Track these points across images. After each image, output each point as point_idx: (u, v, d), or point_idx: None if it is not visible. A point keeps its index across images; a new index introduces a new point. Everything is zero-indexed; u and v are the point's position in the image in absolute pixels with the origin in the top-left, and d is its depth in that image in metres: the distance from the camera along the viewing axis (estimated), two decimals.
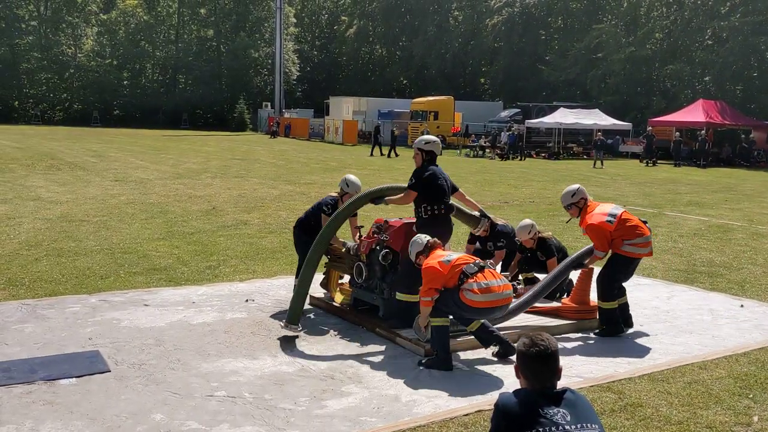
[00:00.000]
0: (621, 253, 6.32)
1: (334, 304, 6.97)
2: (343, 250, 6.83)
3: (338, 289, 7.12)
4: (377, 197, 6.54)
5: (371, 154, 33.40)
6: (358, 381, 5.13)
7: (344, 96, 55.89)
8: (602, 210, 6.44)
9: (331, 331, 6.32)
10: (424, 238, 5.73)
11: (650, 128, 36.36)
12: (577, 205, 6.60)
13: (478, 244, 7.52)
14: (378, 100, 51.34)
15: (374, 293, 6.46)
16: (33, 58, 60.64)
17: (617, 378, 5.28)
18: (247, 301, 7.15)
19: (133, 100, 62.89)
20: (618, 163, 33.61)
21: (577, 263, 6.64)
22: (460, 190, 6.65)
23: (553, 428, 2.60)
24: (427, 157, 6.38)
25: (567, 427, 2.62)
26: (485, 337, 5.64)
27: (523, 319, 6.41)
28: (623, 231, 6.29)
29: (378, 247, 6.36)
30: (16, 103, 61.14)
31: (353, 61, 75.74)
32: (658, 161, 34.01)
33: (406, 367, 5.40)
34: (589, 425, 2.68)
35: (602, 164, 30.43)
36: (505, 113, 46.12)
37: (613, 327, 6.38)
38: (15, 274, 7.86)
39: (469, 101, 53.60)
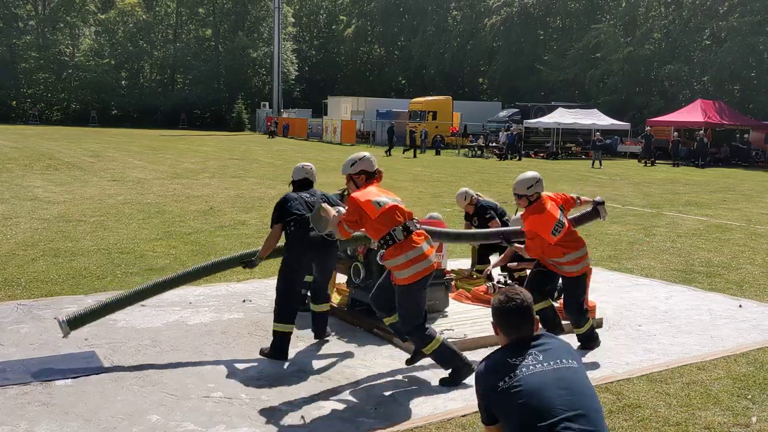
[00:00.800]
0: (566, 275, 5.80)
1: (331, 304, 6.94)
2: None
3: (335, 289, 7.09)
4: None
5: (387, 154, 33.54)
6: (356, 381, 5.11)
7: (342, 96, 55.90)
8: (552, 215, 5.76)
9: (329, 331, 6.29)
10: None
11: (648, 128, 36.39)
12: (530, 198, 5.86)
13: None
14: (376, 100, 51.34)
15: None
16: (31, 58, 60.54)
17: (615, 379, 5.26)
18: (244, 301, 7.13)
19: (131, 99, 62.84)
20: (616, 163, 33.61)
21: (506, 236, 6.37)
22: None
23: (524, 370, 2.67)
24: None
25: (538, 366, 2.68)
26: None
27: None
28: (566, 244, 5.76)
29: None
30: (14, 102, 61.05)
31: (351, 60, 75.73)
32: (657, 161, 34.02)
33: (403, 368, 5.38)
34: (563, 361, 2.73)
35: (600, 164, 30.45)
36: (503, 113, 46.13)
37: (594, 341, 5.86)
38: (11, 275, 7.83)
39: (467, 101, 53.62)
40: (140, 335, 5.95)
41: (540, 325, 2.68)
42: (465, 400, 4.80)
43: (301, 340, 6.01)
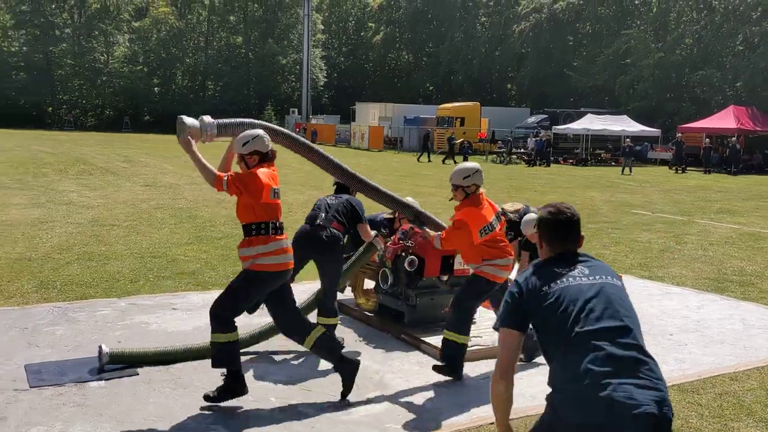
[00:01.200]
0: (482, 275, 5.42)
1: (359, 309, 6.98)
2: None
3: (363, 294, 7.13)
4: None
5: (419, 160, 33.72)
6: (384, 388, 5.13)
7: (371, 102, 56.07)
8: (486, 215, 5.48)
9: (356, 336, 6.33)
10: None
11: (680, 135, 35.92)
12: (466, 190, 5.59)
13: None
14: (404, 106, 51.40)
15: (399, 300, 6.46)
16: (66, 65, 61.76)
17: None
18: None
19: (163, 106, 63.71)
20: (646, 170, 33.21)
21: (419, 216, 6.12)
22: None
23: (570, 279, 2.71)
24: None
25: (584, 279, 2.71)
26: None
27: None
28: (488, 249, 5.43)
29: (404, 254, 6.36)
30: (50, 108, 62.30)
31: (380, 67, 75.97)
32: (688, 168, 33.55)
33: (432, 375, 5.38)
34: (607, 278, 2.75)
35: (630, 171, 30.13)
36: (532, 119, 45.91)
37: (455, 367, 5.36)
38: (47, 277, 8.00)
39: (495, 107, 53.44)
40: (172, 338, 6.03)
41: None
42: None
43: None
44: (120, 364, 5.24)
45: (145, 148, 35.23)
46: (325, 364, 5.54)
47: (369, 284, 7.19)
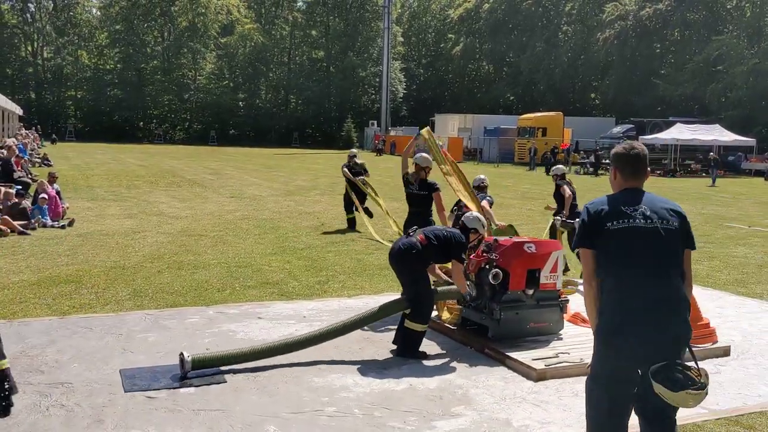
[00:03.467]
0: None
1: (441, 322, 6.91)
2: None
3: (446, 307, 7.06)
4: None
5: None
6: (468, 403, 5.05)
7: (450, 113, 55.94)
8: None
9: (439, 349, 6.27)
10: None
11: None
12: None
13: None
14: (484, 117, 51.05)
15: (483, 313, 6.36)
16: (157, 81, 64.53)
17: (746, 411, 4.93)
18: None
19: (247, 119, 65.66)
20: (741, 182, 31.73)
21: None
22: None
23: (632, 221, 3.28)
24: None
25: (643, 222, 3.27)
26: None
27: None
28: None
29: (487, 267, 6.26)
30: (141, 123, 65.20)
31: (459, 78, 75.77)
32: None
33: (517, 390, 5.27)
34: (665, 221, 3.31)
35: (714, 182, 28.89)
36: (617, 129, 44.70)
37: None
38: (140, 286, 8.30)
39: (579, 117, 52.34)
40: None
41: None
42: (582, 426, 4.62)
43: (410, 357, 6.00)
44: (201, 368, 5.37)
45: (231, 161, 36.28)
46: (408, 377, 5.51)
47: None
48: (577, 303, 7.23)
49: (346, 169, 13.57)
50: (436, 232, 6.17)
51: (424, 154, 8.01)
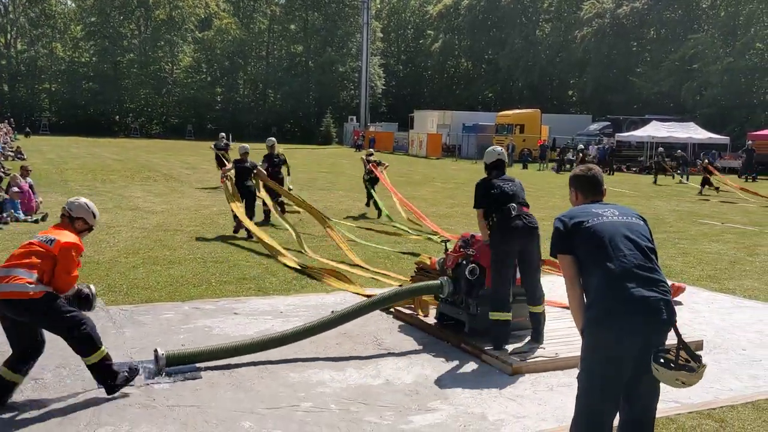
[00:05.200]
0: None
1: (419, 317, 6.92)
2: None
3: (422, 303, 7.06)
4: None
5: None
6: (444, 397, 5.06)
7: (429, 109, 56.03)
8: None
9: (416, 344, 6.28)
10: None
11: (750, 142, 34.64)
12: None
13: None
14: (463, 114, 51.16)
15: (460, 308, 6.38)
16: (133, 75, 63.81)
17: (718, 405, 5.00)
18: (332, 312, 7.19)
19: (225, 114, 65.19)
20: (715, 179, 32.11)
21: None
22: None
23: (604, 218, 3.51)
24: (488, 170, 6.39)
25: (615, 217, 3.53)
26: None
27: None
28: None
29: (464, 262, 6.28)
30: (117, 117, 64.47)
31: (438, 74, 75.89)
32: (759, 177, 32.32)
33: (492, 385, 5.30)
34: (632, 217, 3.59)
35: (684, 179, 29.23)
36: (594, 126, 45.07)
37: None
38: (114, 281, 8.22)
39: (556, 114, 52.67)
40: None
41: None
42: (558, 420, 4.67)
43: (388, 353, 6.01)
44: (177, 365, 5.33)
45: (208, 155, 35.97)
46: (385, 372, 5.51)
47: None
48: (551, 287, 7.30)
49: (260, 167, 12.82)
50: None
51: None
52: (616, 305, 3.29)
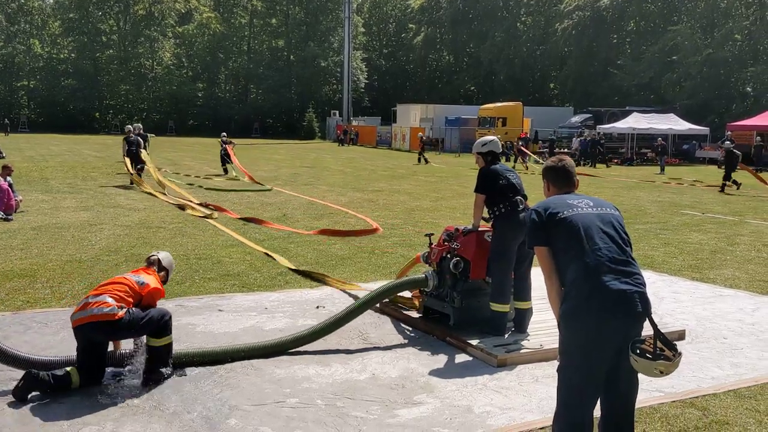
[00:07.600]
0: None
1: (404, 312, 6.93)
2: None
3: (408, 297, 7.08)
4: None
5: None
6: (430, 391, 5.07)
7: (411, 103, 56.05)
8: None
9: (401, 338, 6.29)
10: None
11: (729, 133, 34.98)
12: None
13: None
14: (445, 107, 51.26)
15: (445, 302, 6.39)
16: (113, 71, 63.25)
17: (701, 393, 5.05)
18: (318, 307, 7.19)
19: (207, 109, 64.85)
20: (695, 170, 32.46)
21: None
22: None
23: (579, 209, 3.51)
24: (489, 158, 6.40)
25: (589, 209, 3.54)
26: None
27: None
28: None
29: (449, 256, 6.29)
30: (97, 114, 63.89)
31: (420, 68, 75.94)
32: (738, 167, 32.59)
33: (478, 377, 5.31)
34: (606, 208, 3.60)
35: (662, 170, 29.49)
36: (575, 118, 45.34)
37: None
38: (96, 279, 8.13)
39: (538, 107, 52.91)
40: (218, 340, 6.07)
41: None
42: (543, 412, 4.70)
43: (374, 347, 6.01)
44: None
45: (190, 151, 35.80)
46: (371, 366, 5.51)
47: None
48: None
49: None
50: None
51: None
52: (591, 298, 3.30)
